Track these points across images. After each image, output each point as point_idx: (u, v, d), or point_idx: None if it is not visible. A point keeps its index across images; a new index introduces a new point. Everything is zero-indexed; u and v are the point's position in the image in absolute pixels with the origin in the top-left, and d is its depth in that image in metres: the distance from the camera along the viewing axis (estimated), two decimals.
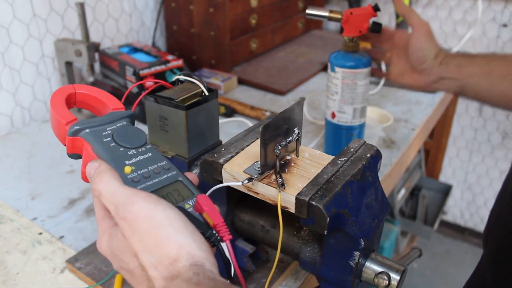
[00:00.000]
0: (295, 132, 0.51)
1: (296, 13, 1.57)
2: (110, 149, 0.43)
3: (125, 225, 0.37)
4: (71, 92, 0.48)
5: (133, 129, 0.46)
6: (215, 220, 0.39)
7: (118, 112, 0.47)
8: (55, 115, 0.45)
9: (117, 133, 0.45)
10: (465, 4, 1.70)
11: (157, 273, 0.35)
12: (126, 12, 1.31)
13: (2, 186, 0.86)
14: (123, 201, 0.37)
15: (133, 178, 0.42)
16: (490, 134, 1.88)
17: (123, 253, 0.37)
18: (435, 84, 0.78)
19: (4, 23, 1.03)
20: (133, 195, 0.37)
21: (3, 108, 1.08)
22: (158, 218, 0.36)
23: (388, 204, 0.53)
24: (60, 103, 0.46)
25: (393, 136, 1.04)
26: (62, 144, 0.46)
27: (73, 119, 0.45)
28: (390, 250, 1.72)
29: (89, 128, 0.44)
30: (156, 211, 0.36)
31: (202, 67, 1.35)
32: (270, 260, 0.64)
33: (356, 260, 0.47)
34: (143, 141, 0.45)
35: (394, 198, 1.68)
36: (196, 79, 0.61)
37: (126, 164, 0.43)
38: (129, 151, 0.44)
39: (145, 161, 0.44)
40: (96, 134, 0.44)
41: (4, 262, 0.68)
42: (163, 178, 0.43)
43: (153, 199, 0.37)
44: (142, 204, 0.37)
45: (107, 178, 0.39)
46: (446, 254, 2.11)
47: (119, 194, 0.38)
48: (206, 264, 0.35)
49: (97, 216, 0.42)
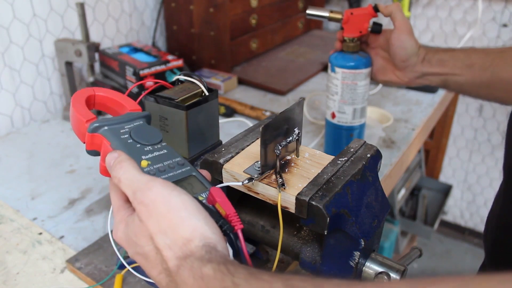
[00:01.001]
0: (295, 132, 0.51)
1: (296, 13, 1.57)
2: (127, 145, 0.46)
3: (142, 209, 0.39)
4: (91, 94, 0.51)
5: (149, 128, 0.49)
6: (228, 210, 0.41)
7: (135, 113, 0.50)
8: (75, 113, 0.48)
9: (134, 131, 0.47)
10: (465, 4, 1.70)
11: (171, 253, 0.37)
12: (126, 12, 1.31)
13: (2, 186, 0.86)
14: (141, 186, 0.39)
15: (149, 171, 0.44)
16: (490, 134, 1.88)
17: (139, 237, 0.39)
18: (418, 80, 0.80)
19: (4, 23, 1.03)
20: (151, 181, 0.39)
21: (3, 108, 1.08)
22: (173, 202, 0.38)
23: (388, 204, 0.53)
24: (80, 103, 0.49)
25: (393, 136, 1.04)
26: (82, 141, 0.49)
27: (92, 117, 0.48)
28: (390, 250, 1.72)
29: (108, 125, 0.47)
30: (172, 196, 0.38)
31: (202, 67, 1.35)
32: (270, 260, 0.64)
33: (356, 260, 0.47)
34: (159, 139, 0.48)
35: (394, 198, 1.68)
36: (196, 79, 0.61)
37: (143, 159, 0.45)
38: (146, 148, 0.46)
39: (161, 157, 0.46)
40: (114, 131, 0.46)
41: (4, 262, 0.68)
42: (177, 173, 0.45)
43: (169, 185, 0.39)
44: (159, 189, 0.39)
45: (126, 166, 0.41)
46: (446, 254, 2.11)
47: (137, 180, 0.40)
48: (218, 246, 0.37)
49: (114, 206, 0.44)
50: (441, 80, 0.78)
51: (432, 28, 1.78)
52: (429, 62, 0.77)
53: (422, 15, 1.78)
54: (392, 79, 0.82)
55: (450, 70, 0.76)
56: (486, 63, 0.74)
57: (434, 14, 1.76)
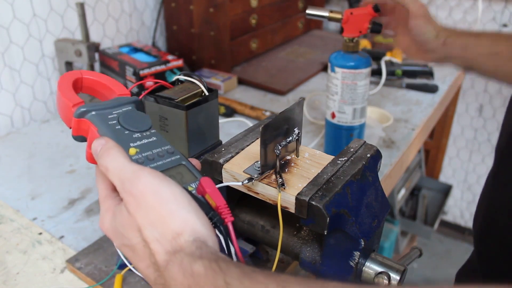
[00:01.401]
0: (295, 132, 0.51)
1: (296, 13, 1.58)
2: (115, 131, 0.44)
3: (130, 200, 0.37)
4: (78, 77, 0.49)
5: (138, 113, 0.47)
6: (218, 202, 0.40)
7: (124, 98, 0.48)
8: (62, 97, 0.46)
9: (122, 116, 0.45)
10: (465, 4, 1.70)
11: (160, 247, 0.35)
12: (126, 12, 1.31)
13: (2, 186, 0.86)
14: (129, 176, 0.38)
15: (137, 160, 0.42)
16: (490, 134, 1.88)
17: (127, 229, 0.38)
18: (442, 61, 0.78)
19: (4, 23, 1.03)
20: (140, 170, 0.38)
21: (3, 108, 1.08)
22: (163, 193, 0.36)
23: (388, 204, 0.53)
24: (67, 86, 0.47)
25: (393, 136, 1.04)
26: (68, 126, 0.47)
27: (79, 102, 0.45)
28: (390, 250, 1.72)
29: (95, 110, 0.45)
30: (162, 186, 0.37)
31: (202, 67, 1.35)
32: (270, 260, 0.64)
33: (356, 260, 0.47)
34: (148, 125, 0.46)
35: (394, 198, 1.68)
36: (196, 79, 0.61)
37: (131, 146, 0.43)
38: (134, 134, 0.45)
39: (150, 144, 0.44)
40: (102, 117, 0.45)
41: (4, 262, 0.68)
42: (167, 161, 0.43)
43: (159, 175, 0.38)
44: (148, 179, 0.37)
45: (114, 154, 0.40)
46: (446, 254, 2.11)
47: (126, 169, 0.38)
48: (209, 241, 0.36)
49: (100, 195, 0.42)
50: (465, 65, 0.76)
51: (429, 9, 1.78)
52: (452, 45, 0.75)
53: None
54: (418, 58, 0.81)
55: (474, 56, 0.74)
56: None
57: (434, 14, 1.76)
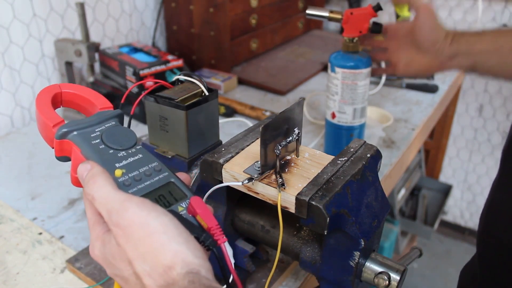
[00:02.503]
0: (295, 132, 0.51)
1: (296, 13, 1.57)
2: (99, 152, 0.42)
3: (118, 232, 0.36)
4: (57, 91, 0.47)
5: (122, 129, 0.45)
6: (209, 223, 0.38)
7: (106, 112, 0.46)
8: (41, 117, 0.44)
9: (106, 134, 0.44)
10: (465, 4, 1.70)
11: (152, 281, 0.35)
12: (126, 12, 1.31)
13: (2, 186, 0.86)
14: (116, 207, 0.36)
15: (124, 182, 0.41)
16: (490, 134, 1.88)
17: (117, 261, 0.37)
18: (448, 63, 0.78)
19: (4, 23, 1.03)
20: (127, 201, 0.37)
21: (3, 108, 1.08)
22: (152, 225, 0.35)
23: (388, 204, 0.53)
24: (46, 104, 0.45)
25: (393, 136, 1.03)
26: (50, 146, 0.45)
27: (59, 121, 0.44)
28: (390, 250, 1.72)
29: (77, 130, 0.43)
30: (150, 217, 0.36)
31: (202, 67, 1.35)
32: (270, 260, 0.64)
33: (356, 260, 0.47)
34: (133, 141, 0.44)
35: (394, 198, 1.68)
36: (196, 79, 0.61)
37: (117, 167, 0.41)
38: (119, 153, 0.43)
39: (136, 163, 0.43)
40: (84, 136, 0.43)
41: (4, 262, 0.68)
42: (154, 181, 0.42)
43: (147, 205, 0.37)
44: (135, 210, 0.36)
45: (100, 181, 0.38)
46: (446, 254, 2.11)
47: (112, 199, 0.37)
48: (201, 271, 0.35)
49: (89, 221, 0.41)
50: (470, 63, 0.76)
51: None
52: (458, 43, 0.75)
53: None
54: (421, 68, 0.80)
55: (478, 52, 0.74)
56: None
57: None
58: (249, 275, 0.63)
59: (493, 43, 0.74)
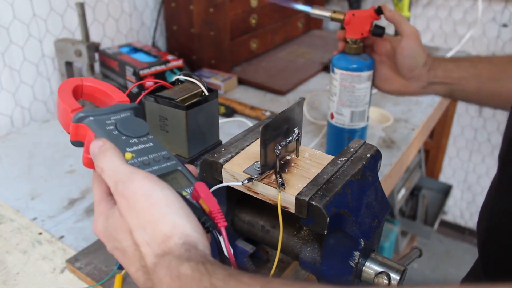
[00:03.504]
0: (295, 132, 0.51)
1: (296, 13, 1.57)
2: (112, 136, 0.44)
3: (122, 202, 0.37)
4: (79, 84, 0.50)
5: (136, 120, 0.47)
6: (211, 207, 0.40)
7: (122, 104, 0.48)
8: (61, 103, 0.46)
9: (120, 122, 0.46)
10: (465, 4, 1.70)
11: (149, 249, 0.36)
12: (126, 12, 1.31)
13: (2, 186, 0.86)
14: (123, 178, 0.38)
15: (133, 164, 0.42)
16: (490, 134, 1.88)
17: (118, 231, 0.38)
18: (424, 89, 0.79)
19: (4, 23, 1.03)
20: (134, 173, 0.38)
21: (3, 108, 1.08)
22: (155, 196, 0.37)
23: (388, 204, 0.53)
24: (67, 93, 0.48)
25: (393, 136, 1.04)
26: (66, 131, 0.47)
27: (78, 107, 0.46)
28: (390, 250, 1.72)
29: (93, 116, 0.45)
30: (155, 189, 0.37)
31: (202, 67, 1.35)
32: (270, 260, 0.64)
33: (356, 260, 0.47)
34: (145, 131, 0.46)
35: (394, 198, 1.68)
36: (196, 79, 0.61)
37: (127, 151, 0.44)
38: (131, 140, 0.45)
39: (146, 149, 0.45)
40: (99, 122, 0.45)
41: (4, 262, 0.68)
42: (162, 167, 0.44)
43: (153, 178, 0.38)
44: (141, 182, 0.37)
45: (110, 155, 0.40)
46: (446, 254, 2.11)
47: (120, 171, 0.38)
48: (199, 245, 0.36)
49: (95, 199, 0.42)
50: (447, 90, 0.77)
51: (432, 28, 1.78)
52: (435, 71, 0.76)
53: (422, 15, 1.78)
54: (396, 89, 0.81)
55: (456, 79, 0.75)
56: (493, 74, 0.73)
57: (434, 14, 1.76)
58: None
59: (471, 70, 0.75)
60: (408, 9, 1.46)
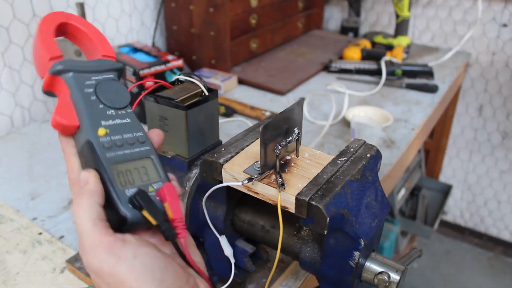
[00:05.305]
0: (295, 132, 0.51)
1: (296, 13, 1.58)
2: (89, 103, 0.40)
3: (91, 274, 0.36)
4: (64, 21, 0.44)
5: (118, 86, 0.43)
6: (175, 214, 0.37)
7: (107, 61, 0.44)
8: (40, 44, 0.41)
9: (100, 86, 0.42)
10: (465, 4, 1.69)
11: None
12: (126, 12, 1.31)
13: (2, 186, 0.86)
14: (87, 248, 0.35)
15: (105, 144, 0.39)
16: (490, 134, 1.88)
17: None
18: None
19: (4, 23, 1.03)
20: (97, 246, 0.35)
21: (3, 108, 1.08)
22: (121, 273, 0.34)
23: (388, 204, 0.53)
24: (48, 31, 0.42)
25: (393, 136, 1.03)
26: (40, 76, 0.42)
27: (58, 56, 0.41)
28: (390, 250, 1.72)
29: (73, 71, 0.41)
30: (119, 265, 0.34)
31: (202, 67, 1.35)
32: (270, 260, 0.64)
33: (356, 260, 0.47)
34: (126, 102, 0.43)
35: (394, 198, 1.68)
36: (196, 79, 0.61)
37: (102, 125, 0.40)
38: (108, 111, 0.41)
39: (122, 126, 0.41)
40: (78, 81, 0.41)
41: (4, 262, 0.68)
42: (135, 151, 0.41)
43: (115, 251, 0.35)
44: (103, 257, 0.34)
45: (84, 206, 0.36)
46: (446, 254, 2.11)
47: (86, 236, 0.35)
48: None
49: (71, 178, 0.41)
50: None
51: (432, 28, 1.78)
52: None
53: (422, 15, 1.78)
54: None
55: None
56: None
57: (434, 14, 1.76)
58: (249, 275, 0.63)
59: None
60: (408, 9, 1.46)
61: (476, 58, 1.75)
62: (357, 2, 1.79)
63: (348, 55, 1.44)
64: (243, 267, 0.60)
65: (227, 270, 0.58)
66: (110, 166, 0.39)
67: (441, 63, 1.51)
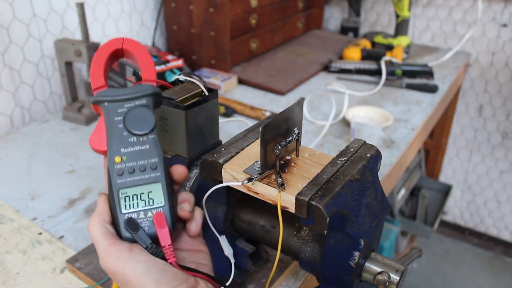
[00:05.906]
0: (295, 132, 0.51)
1: (296, 13, 1.57)
2: (115, 131, 0.45)
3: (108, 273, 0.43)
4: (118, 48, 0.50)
5: (145, 113, 0.47)
6: (163, 242, 0.43)
7: (145, 86, 0.48)
8: (90, 75, 0.49)
9: (129, 113, 0.46)
10: (465, 4, 1.69)
11: None
12: (126, 12, 1.31)
13: (2, 186, 0.86)
14: (101, 255, 0.43)
15: (117, 171, 0.44)
16: (490, 134, 1.88)
17: None
18: None
19: (4, 23, 1.03)
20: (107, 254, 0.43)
21: (3, 108, 1.08)
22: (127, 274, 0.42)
23: (388, 204, 0.53)
24: (100, 61, 0.49)
25: (393, 136, 1.03)
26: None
27: (101, 86, 0.48)
28: (390, 250, 1.72)
29: (108, 102, 0.46)
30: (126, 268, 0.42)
31: (202, 67, 1.35)
32: (270, 260, 0.64)
33: (356, 260, 0.47)
34: (149, 128, 0.46)
35: (394, 198, 1.68)
36: (196, 79, 0.61)
37: (121, 153, 0.45)
38: (131, 138, 0.46)
39: (139, 153, 0.45)
40: (112, 110, 0.46)
41: (4, 262, 0.68)
42: (145, 178, 0.45)
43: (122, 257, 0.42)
44: (113, 262, 0.42)
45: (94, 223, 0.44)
46: (446, 254, 2.11)
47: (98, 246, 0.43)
48: None
49: None
50: None
51: (432, 28, 1.78)
52: None
53: (422, 15, 1.78)
54: None
55: None
56: None
57: (434, 14, 1.76)
58: (249, 275, 0.63)
59: None
60: (408, 9, 1.46)
61: (476, 58, 1.75)
62: (357, 2, 1.79)
63: (348, 55, 1.44)
64: (243, 267, 0.60)
65: (227, 270, 0.58)
66: (119, 191, 0.44)
67: (441, 63, 1.51)
